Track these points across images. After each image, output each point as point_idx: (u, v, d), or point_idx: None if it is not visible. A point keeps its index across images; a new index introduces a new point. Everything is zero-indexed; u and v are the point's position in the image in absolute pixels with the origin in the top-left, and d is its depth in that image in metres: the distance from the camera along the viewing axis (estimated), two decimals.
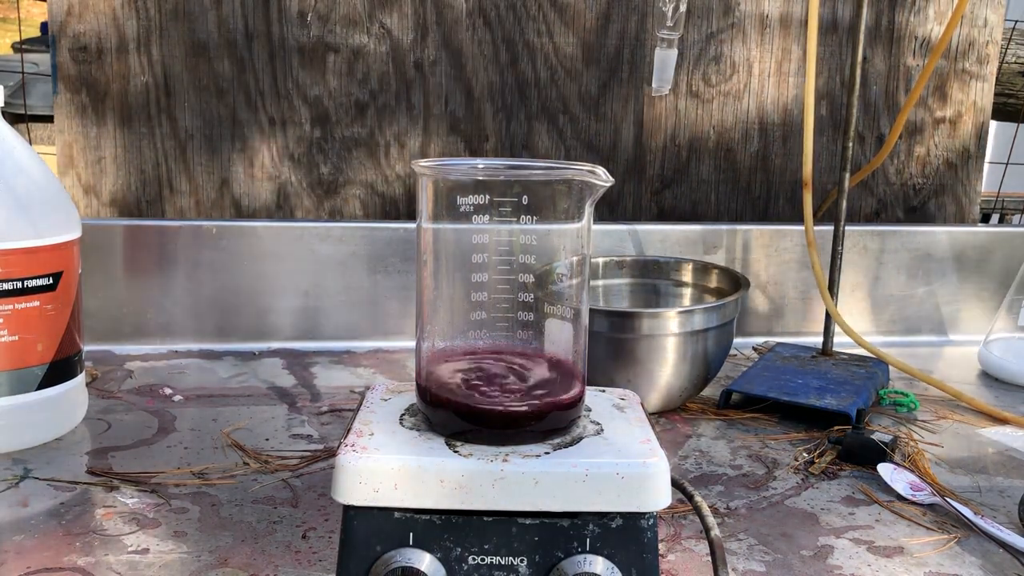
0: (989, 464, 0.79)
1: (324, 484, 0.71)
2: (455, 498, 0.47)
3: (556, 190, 0.50)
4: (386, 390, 0.57)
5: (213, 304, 1.04)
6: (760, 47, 1.16)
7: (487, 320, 0.51)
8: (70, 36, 1.03)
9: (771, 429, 0.85)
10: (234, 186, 1.09)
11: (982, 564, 0.62)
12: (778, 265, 1.14)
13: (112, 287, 1.02)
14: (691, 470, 0.76)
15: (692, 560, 0.62)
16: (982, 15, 1.19)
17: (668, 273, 1.01)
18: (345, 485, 0.48)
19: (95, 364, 0.96)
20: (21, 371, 0.74)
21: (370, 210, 1.12)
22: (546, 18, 1.11)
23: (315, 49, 1.08)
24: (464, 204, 0.50)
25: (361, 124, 1.10)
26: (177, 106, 1.06)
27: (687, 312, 0.84)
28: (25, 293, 0.74)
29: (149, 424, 0.82)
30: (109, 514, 0.65)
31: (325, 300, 1.06)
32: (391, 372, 1.00)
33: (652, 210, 1.17)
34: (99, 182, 1.07)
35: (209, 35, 1.05)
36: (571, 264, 0.52)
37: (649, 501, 0.48)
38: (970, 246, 1.17)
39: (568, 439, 0.51)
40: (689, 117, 1.16)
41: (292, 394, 0.91)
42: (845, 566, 0.62)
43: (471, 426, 0.50)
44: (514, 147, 1.13)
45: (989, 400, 0.94)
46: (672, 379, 0.84)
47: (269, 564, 0.59)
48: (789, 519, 0.68)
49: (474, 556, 0.48)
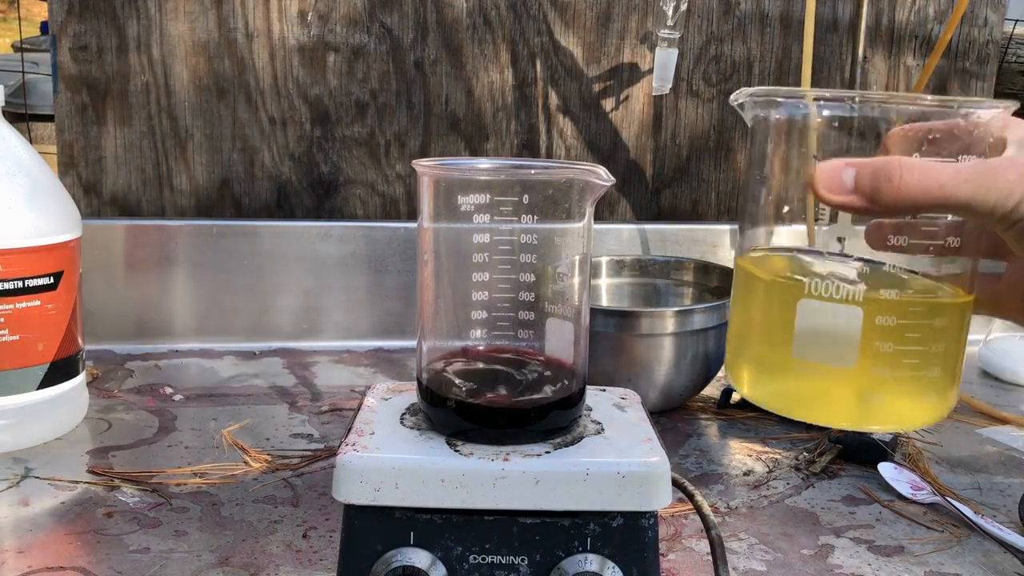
0: (989, 463, 0.79)
1: (325, 483, 0.71)
2: (456, 497, 0.47)
3: (557, 190, 0.50)
4: (387, 389, 0.57)
5: (213, 304, 1.04)
6: (760, 47, 1.16)
7: (488, 319, 0.51)
8: (70, 35, 1.03)
9: (771, 428, 0.85)
10: (234, 186, 1.09)
11: (982, 563, 0.62)
12: None
13: (112, 286, 1.02)
14: (691, 469, 0.76)
15: (693, 559, 0.62)
16: (982, 15, 1.19)
17: (668, 273, 1.01)
18: (346, 484, 0.48)
19: (96, 363, 0.96)
20: (22, 370, 0.74)
21: (370, 210, 1.12)
22: (546, 18, 1.11)
23: (315, 49, 1.08)
24: (465, 203, 0.50)
25: (361, 124, 1.10)
26: (177, 106, 1.06)
27: (687, 311, 0.84)
28: (26, 292, 0.74)
29: (150, 423, 0.82)
30: (110, 513, 0.65)
31: (325, 300, 1.06)
32: (391, 372, 1.00)
33: (652, 210, 1.17)
34: (99, 181, 1.07)
35: (209, 35, 1.05)
36: (572, 263, 0.52)
37: (650, 500, 0.48)
38: None
39: (569, 438, 0.51)
40: (689, 117, 1.16)
41: (292, 393, 0.91)
42: (845, 565, 0.62)
43: (472, 425, 0.50)
44: (514, 147, 1.13)
45: (989, 400, 0.94)
46: (672, 378, 0.84)
47: (270, 563, 0.59)
48: (790, 518, 0.68)
49: (475, 555, 0.48)
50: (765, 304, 0.47)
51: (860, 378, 0.43)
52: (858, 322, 0.42)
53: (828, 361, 0.43)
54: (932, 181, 0.40)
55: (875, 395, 0.44)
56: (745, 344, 0.48)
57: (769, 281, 0.47)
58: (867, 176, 0.41)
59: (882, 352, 0.42)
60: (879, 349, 0.42)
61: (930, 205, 0.40)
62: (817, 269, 0.44)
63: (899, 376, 0.43)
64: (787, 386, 0.46)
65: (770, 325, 0.46)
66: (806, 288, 0.43)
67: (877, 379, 0.43)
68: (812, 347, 0.43)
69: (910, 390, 0.44)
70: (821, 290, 0.43)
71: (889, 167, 0.40)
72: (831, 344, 0.43)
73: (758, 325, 0.47)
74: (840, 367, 0.43)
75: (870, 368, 0.43)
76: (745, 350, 0.48)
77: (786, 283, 0.45)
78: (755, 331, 0.47)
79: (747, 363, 0.48)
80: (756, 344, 0.47)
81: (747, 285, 0.48)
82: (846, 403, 0.44)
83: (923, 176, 0.40)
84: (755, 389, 0.47)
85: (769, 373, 0.47)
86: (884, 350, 0.42)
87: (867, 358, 0.42)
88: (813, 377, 0.44)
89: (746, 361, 0.48)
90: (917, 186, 0.40)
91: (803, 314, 0.43)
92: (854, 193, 0.41)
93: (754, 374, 0.47)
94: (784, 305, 0.44)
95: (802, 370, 0.44)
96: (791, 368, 0.44)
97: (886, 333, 0.42)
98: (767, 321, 0.46)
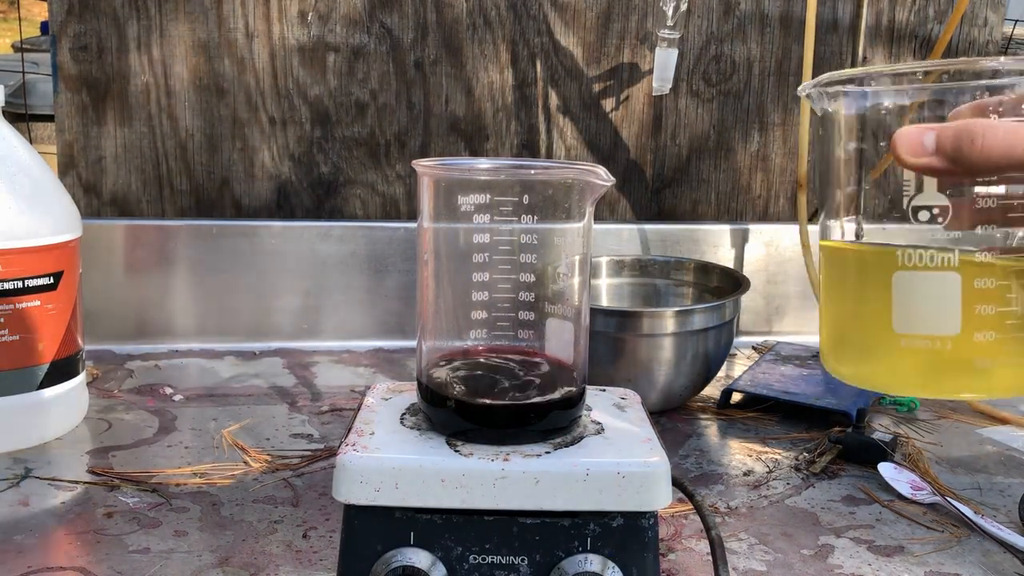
0: (989, 463, 0.79)
1: (325, 483, 0.71)
2: (456, 497, 0.47)
3: (557, 190, 0.50)
4: (387, 389, 0.57)
5: (213, 304, 1.04)
6: (760, 47, 1.16)
7: (488, 319, 0.51)
8: (71, 35, 1.03)
9: (771, 428, 0.85)
10: (234, 186, 1.09)
11: (982, 563, 0.62)
12: (778, 265, 1.14)
13: (112, 287, 1.02)
14: (691, 469, 0.76)
15: (693, 559, 0.62)
16: (982, 15, 1.19)
17: (668, 273, 1.01)
18: (346, 484, 0.48)
19: (96, 363, 0.96)
20: (22, 371, 0.74)
21: (370, 210, 1.12)
22: (546, 18, 1.11)
23: (315, 49, 1.08)
24: (465, 203, 0.50)
25: (361, 124, 1.10)
26: (177, 106, 1.06)
27: (687, 311, 0.84)
28: (26, 292, 0.74)
29: (150, 423, 0.82)
30: (110, 513, 0.65)
31: (325, 300, 1.06)
32: (391, 372, 1.00)
33: (652, 210, 1.17)
34: (99, 181, 1.07)
35: (209, 35, 1.05)
36: (572, 263, 0.52)
37: (650, 500, 0.48)
38: None
39: (569, 438, 0.51)
40: (689, 117, 1.16)
41: (292, 393, 0.91)
42: (846, 565, 0.62)
43: (472, 425, 0.50)
44: (514, 147, 1.13)
45: (989, 400, 0.94)
46: (672, 378, 0.84)
47: (270, 563, 0.59)
48: (789, 518, 0.68)
49: (475, 555, 0.48)
50: (858, 283, 0.46)
51: (965, 344, 0.43)
52: (957, 287, 0.42)
53: (931, 331, 0.43)
54: (1017, 139, 0.40)
55: (982, 360, 0.43)
56: (843, 328, 0.47)
57: (859, 257, 0.46)
58: (949, 138, 0.41)
59: (984, 316, 0.42)
60: (981, 313, 0.42)
61: (1013, 165, 0.40)
62: (907, 240, 0.43)
63: (1004, 339, 0.42)
64: (893, 363, 0.45)
65: (866, 303, 0.45)
66: (899, 259, 0.42)
67: (982, 344, 0.42)
68: (913, 319, 0.43)
69: (1016, 352, 0.43)
70: (916, 260, 0.42)
71: (971, 128, 0.40)
72: (932, 313, 0.42)
73: (852, 306, 0.47)
74: (943, 334, 0.42)
75: (973, 334, 0.42)
76: (844, 334, 0.47)
77: (879, 255, 0.44)
78: (851, 313, 0.47)
79: (848, 347, 0.47)
80: (855, 326, 0.46)
81: (838, 267, 0.47)
82: (954, 372, 0.44)
83: (1007, 136, 0.40)
84: (859, 371, 0.47)
85: (872, 353, 0.46)
86: (986, 313, 0.42)
87: (970, 323, 0.42)
88: (917, 351, 0.43)
89: (847, 346, 0.47)
90: (1001, 145, 0.40)
91: (900, 286, 0.43)
92: (936, 155, 0.41)
93: (856, 357, 0.47)
94: (879, 280, 0.43)
95: (906, 344, 0.43)
96: (895, 344, 0.44)
97: (986, 296, 0.42)
98: (862, 300, 0.46)
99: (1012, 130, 0.40)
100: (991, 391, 0.45)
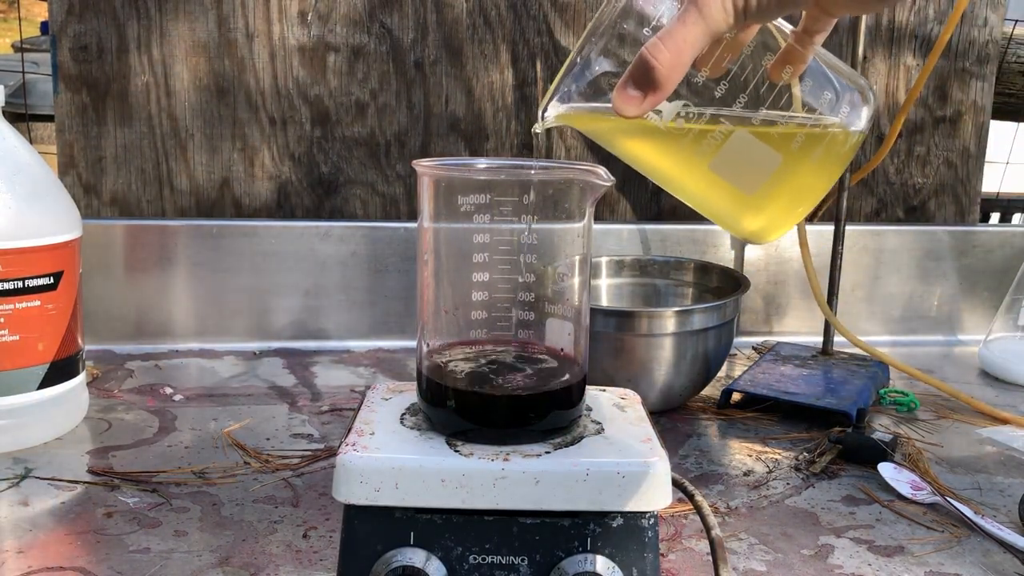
0: (989, 463, 0.79)
1: (325, 483, 0.71)
2: (456, 497, 0.47)
3: (557, 190, 0.50)
4: (387, 389, 0.57)
5: (213, 304, 1.04)
6: None
7: (488, 319, 0.51)
8: (71, 35, 1.03)
9: (771, 429, 0.85)
10: (234, 186, 1.09)
11: (982, 563, 0.62)
12: (778, 265, 1.14)
13: (112, 287, 1.02)
14: (691, 469, 0.76)
15: (693, 559, 0.62)
16: (982, 15, 1.19)
17: (668, 273, 1.01)
18: (346, 484, 0.48)
19: (96, 363, 0.96)
20: (22, 371, 0.74)
21: (370, 210, 1.12)
22: (546, 18, 1.11)
23: (315, 49, 1.08)
24: (465, 203, 0.50)
25: (361, 124, 1.10)
26: (177, 106, 1.06)
27: (687, 311, 0.84)
28: (26, 293, 0.74)
29: (150, 423, 0.82)
30: (110, 513, 0.65)
31: (325, 300, 1.06)
32: (391, 372, 1.00)
33: (652, 210, 1.17)
34: (99, 181, 1.07)
35: (209, 35, 1.05)
36: (572, 263, 0.52)
37: (650, 500, 0.48)
38: (970, 245, 1.17)
39: (569, 438, 0.51)
40: None
41: (292, 393, 0.91)
42: (846, 565, 0.62)
43: (472, 425, 0.50)
44: (514, 147, 1.13)
45: (989, 400, 0.94)
46: (672, 378, 0.84)
47: (270, 563, 0.59)
48: (790, 518, 0.68)
49: (475, 555, 0.48)
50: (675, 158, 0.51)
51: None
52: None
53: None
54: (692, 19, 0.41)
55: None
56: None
57: (665, 134, 0.49)
58: (633, 74, 0.42)
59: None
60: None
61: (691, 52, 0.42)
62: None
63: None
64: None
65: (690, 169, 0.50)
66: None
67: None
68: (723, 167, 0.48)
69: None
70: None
71: (642, 55, 0.42)
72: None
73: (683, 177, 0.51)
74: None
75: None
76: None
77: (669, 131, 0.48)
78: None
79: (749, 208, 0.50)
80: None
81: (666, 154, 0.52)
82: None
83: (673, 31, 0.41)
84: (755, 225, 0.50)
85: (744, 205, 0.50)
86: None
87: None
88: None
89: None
90: (681, 40, 0.42)
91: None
92: (643, 97, 0.42)
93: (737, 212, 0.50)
94: (688, 153, 0.48)
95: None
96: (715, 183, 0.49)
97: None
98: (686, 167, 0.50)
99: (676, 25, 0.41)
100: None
